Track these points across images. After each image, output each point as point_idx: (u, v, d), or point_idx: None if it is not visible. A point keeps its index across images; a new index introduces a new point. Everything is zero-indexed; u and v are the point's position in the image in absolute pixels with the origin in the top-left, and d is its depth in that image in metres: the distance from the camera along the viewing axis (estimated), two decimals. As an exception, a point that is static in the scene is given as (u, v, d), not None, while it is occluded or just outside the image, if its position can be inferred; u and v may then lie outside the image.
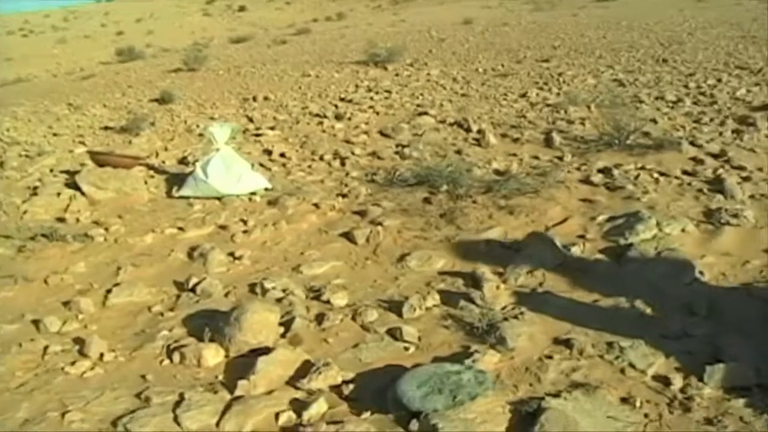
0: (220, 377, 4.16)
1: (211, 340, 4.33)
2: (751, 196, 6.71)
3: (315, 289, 5.28)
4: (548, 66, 16.20)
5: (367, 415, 3.70)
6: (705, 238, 5.86)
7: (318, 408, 3.75)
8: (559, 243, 5.67)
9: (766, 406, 3.61)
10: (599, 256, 5.55)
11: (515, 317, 4.59)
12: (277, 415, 3.76)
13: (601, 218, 6.38)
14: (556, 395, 3.75)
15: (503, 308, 4.83)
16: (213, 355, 4.24)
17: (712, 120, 9.67)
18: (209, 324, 4.53)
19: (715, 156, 8.05)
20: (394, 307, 4.86)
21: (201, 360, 4.20)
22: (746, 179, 7.16)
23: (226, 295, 5.27)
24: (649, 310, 4.68)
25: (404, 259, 5.73)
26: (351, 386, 3.94)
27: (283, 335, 4.54)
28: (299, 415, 3.75)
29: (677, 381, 3.87)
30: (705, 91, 11.66)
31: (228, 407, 3.79)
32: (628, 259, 5.41)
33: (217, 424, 3.67)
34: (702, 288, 4.96)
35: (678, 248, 5.45)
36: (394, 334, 4.48)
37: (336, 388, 3.98)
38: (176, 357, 4.28)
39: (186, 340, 4.52)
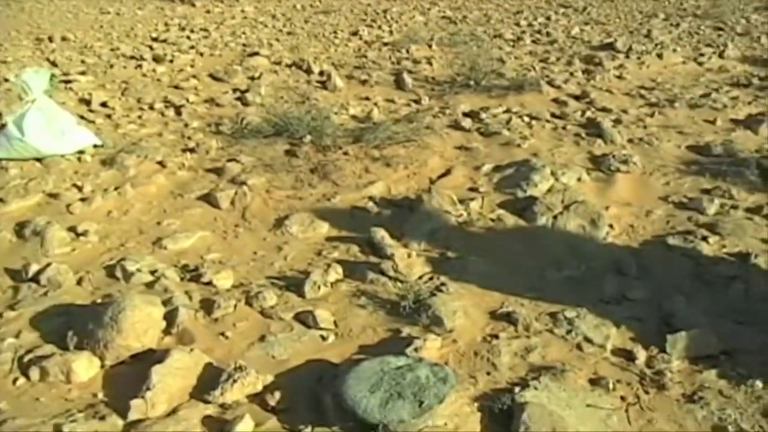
0: (100, 395, 3.33)
1: (79, 347, 3.44)
2: (630, 140, 6.89)
3: (189, 268, 4.50)
4: (369, 3, 15.91)
5: (308, 431, 3.13)
6: (600, 187, 5.88)
7: (244, 428, 3.10)
8: (455, 198, 5.34)
9: (740, 376, 3.58)
10: (501, 211, 5.33)
11: (440, 290, 4.20)
12: None
13: (486, 168, 6.19)
14: (524, 385, 3.44)
15: (420, 279, 4.39)
16: (85, 367, 3.37)
17: (558, 59, 9.95)
18: (71, 325, 3.60)
19: (576, 98, 8.24)
20: (293, 285, 4.25)
21: (70, 374, 3.32)
22: (617, 122, 7.37)
23: (79, 282, 4.28)
24: (576, 272, 4.53)
25: (282, 224, 5.11)
26: (276, 394, 3.33)
27: (166, 332, 3.75)
28: (225, 448, 3.08)
29: (640, 354, 3.73)
30: (540, 30, 12.04)
31: (126, 439, 3.01)
32: (534, 214, 5.24)
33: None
34: (619, 245, 4.92)
35: (584, 200, 5.35)
36: (305, 320, 3.90)
37: (257, 398, 3.36)
38: (34, 373, 3.34)
39: (43, 348, 3.56)
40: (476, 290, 4.30)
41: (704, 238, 4.95)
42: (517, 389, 3.40)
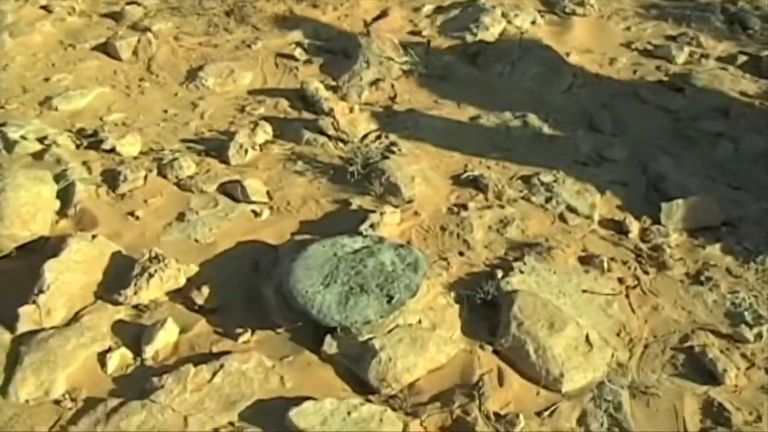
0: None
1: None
2: (582, -21, 6.05)
3: (87, 133, 3.53)
4: None
5: (246, 336, 2.38)
6: (557, 31, 5.12)
7: (167, 336, 2.36)
8: (396, 43, 4.45)
9: (747, 252, 3.05)
10: (450, 58, 4.51)
11: (391, 151, 3.41)
12: (101, 358, 2.38)
13: (427, 8, 5.29)
14: (506, 268, 2.78)
15: (365, 138, 3.58)
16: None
17: None
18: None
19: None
20: (213, 149, 3.39)
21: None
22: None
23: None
24: (545, 128, 3.85)
25: (196, 76, 4.15)
26: (204, 289, 2.57)
27: (61, 214, 2.85)
28: (137, 353, 2.42)
29: (633, 226, 3.14)
30: None
31: (17, 355, 2.34)
32: (488, 62, 4.44)
33: (3, 392, 2.24)
34: (586, 96, 4.28)
35: (543, 45, 4.57)
36: (232, 192, 3.08)
37: (180, 295, 2.64)
38: None
39: None
40: (433, 150, 3.55)
41: (679, 90, 4.28)
42: (499, 273, 2.70)
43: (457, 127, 3.81)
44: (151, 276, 2.53)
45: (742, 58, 4.74)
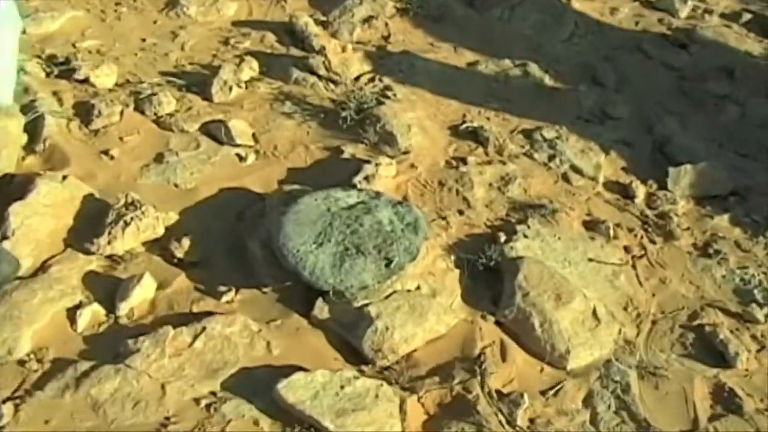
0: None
1: None
2: None
3: (58, 60, 3.17)
4: None
5: (230, 295, 2.17)
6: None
7: (143, 292, 2.14)
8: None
9: (756, 225, 2.90)
10: (447, -4, 4.19)
11: (385, 96, 3.16)
12: (71, 314, 2.15)
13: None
14: (509, 231, 2.59)
15: (358, 80, 3.31)
16: None
17: None
18: None
19: None
20: (195, 84, 3.11)
21: None
22: None
23: None
24: (546, 79, 3.62)
25: (177, 2, 3.83)
26: (184, 241, 2.34)
27: (28, 150, 2.57)
28: (111, 310, 2.18)
29: (639, 191, 2.97)
30: None
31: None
32: (486, 3, 4.19)
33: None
34: (588, 46, 4.06)
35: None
36: (215, 133, 2.82)
37: (158, 246, 2.41)
38: None
39: None
40: (429, 97, 3.31)
41: (683, 46, 4.06)
42: (501, 237, 2.50)
43: (455, 73, 3.56)
44: (126, 224, 2.31)
45: (747, 16, 4.53)
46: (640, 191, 2.96)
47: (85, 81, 2.96)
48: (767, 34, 4.43)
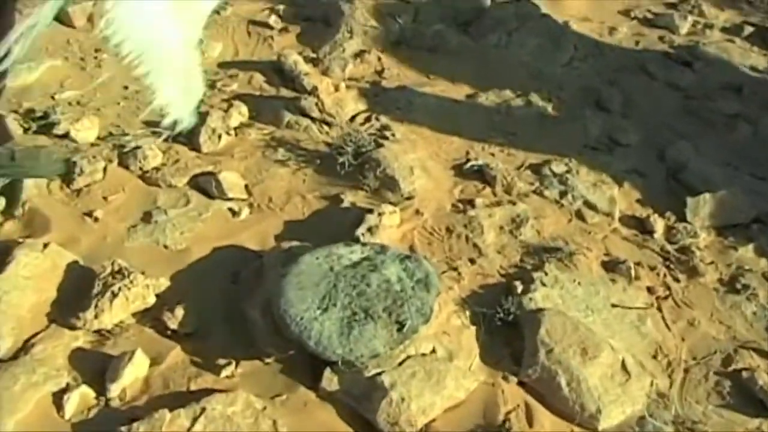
0: None
1: None
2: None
3: (36, 115, 3.01)
4: None
5: (230, 369, 2.00)
6: (549, -4, 4.68)
7: (135, 370, 2.00)
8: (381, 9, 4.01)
9: (784, 254, 2.71)
10: (440, 26, 4.07)
11: (383, 137, 3.00)
12: (58, 399, 1.96)
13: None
14: (525, 280, 2.42)
15: (353, 120, 3.16)
16: None
17: None
18: None
19: None
20: (182, 134, 2.90)
21: None
22: None
23: None
24: (549, 108, 3.48)
25: (156, 42, 3.58)
26: (177, 310, 2.18)
27: (6, 215, 2.49)
28: (101, 391, 2.00)
29: (657, 225, 2.80)
30: None
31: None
32: (482, 30, 4.02)
33: None
34: (589, 70, 3.93)
35: (541, 13, 4.17)
36: (205, 186, 2.66)
37: (150, 317, 2.24)
38: None
39: None
40: (429, 135, 3.16)
41: (687, 64, 3.92)
42: (518, 286, 2.33)
43: (454, 107, 3.41)
44: (114, 295, 2.13)
45: (748, 29, 4.42)
46: (659, 225, 2.80)
47: (66, 136, 2.79)
48: (771, 47, 4.29)
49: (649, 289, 2.54)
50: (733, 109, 3.60)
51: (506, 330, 2.25)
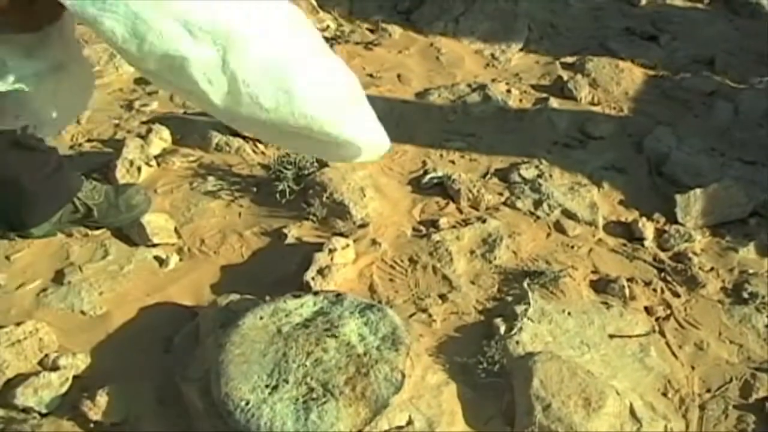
0: None
1: None
2: None
3: None
4: None
5: None
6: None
7: None
8: (314, 3, 3.65)
9: (789, 253, 2.44)
10: (379, 15, 3.71)
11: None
12: None
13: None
14: (507, 316, 2.10)
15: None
16: None
17: None
18: None
19: None
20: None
21: None
22: None
23: None
24: (509, 101, 3.16)
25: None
26: (100, 396, 1.83)
27: None
28: None
29: (646, 230, 2.52)
30: None
31: None
32: (425, 16, 3.69)
33: None
34: (547, 54, 3.74)
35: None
36: (126, 232, 2.26)
37: (68, 407, 1.86)
38: None
39: None
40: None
41: (652, 38, 3.63)
42: (500, 326, 2.00)
43: (403, 110, 3.07)
44: (25, 379, 1.74)
45: (709, -6, 4.14)
46: (648, 230, 2.50)
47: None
48: (735, 12, 4.03)
49: (648, 310, 2.24)
50: (709, 86, 3.30)
51: (492, 382, 1.93)
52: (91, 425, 1.81)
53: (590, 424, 1.82)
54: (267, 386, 1.74)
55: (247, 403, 1.69)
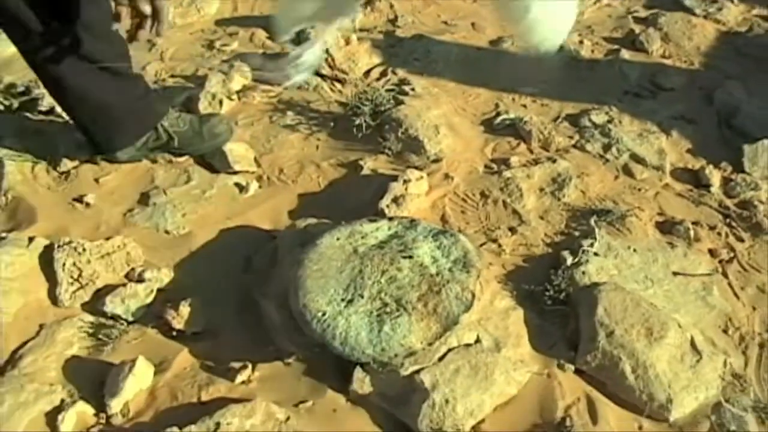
0: None
1: None
2: None
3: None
4: None
5: (246, 374, 1.81)
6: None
7: (138, 381, 1.76)
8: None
9: None
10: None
11: (403, 92, 2.66)
12: (51, 419, 1.68)
13: None
14: (574, 249, 2.10)
15: (367, 75, 2.82)
16: None
17: None
18: None
19: None
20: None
21: None
22: None
23: None
24: (581, 51, 3.18)
25: None
26: (182, 307, 1.90)
27: None
28: (100, 407, 1.73)
29: (713, 178, 2.46)
30: None
31: None
32: (501, -32, 3.59)
33: None
34: (620, 7, 3.63)
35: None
36: (208, 160, 2.33)
37: (152, 316, 1.96)
38: None
39: None
40: (453, 87, 2.81)
41: (727, -5, 3.51)
42: (567, 257, 2.00)
43: (477, 55, 3.05)
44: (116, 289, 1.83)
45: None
46: (715, 177, 2.46)
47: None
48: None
49: (712, 252, 2.20)
50: (782, 44, 3.19)
51: (558, 310, 1.94)
52: (174, 333, 1.88)
53: (652, 352, 1.82)
54: (343, 300, 1.78)
55: (324, 314, 1.74)
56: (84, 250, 1.93)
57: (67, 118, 2.28)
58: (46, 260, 1.94)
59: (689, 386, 1.82)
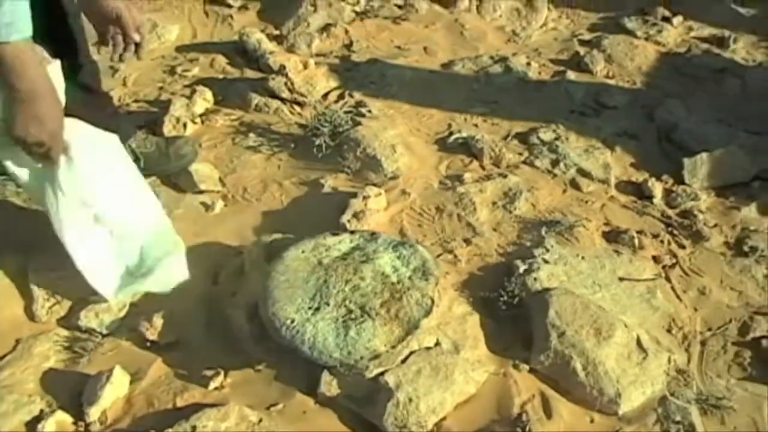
0: None
1: None
2: None
3: None
4: None
5: (219, 380, 1.94)
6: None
7: (115, 390, 1.88)
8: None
9: (790, 216, 2.61)
10: None
11: (360, 114, 2.85)
12: (31, 428, 1.69)
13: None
14: (526, 257, 2.27)
15: (325, 98, 2.98)
16: None
17: None
18: None
19: None
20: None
21: None
22: None
23: None
24: (529, 72, 3.37)
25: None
26: (155, 319, 2.01)
27: None
28: (79, 415, 1.84)
29: (655, 189, 2.68)
30: None
31: None
32: (452, -5, 3.83)
33: None
34: (566, 31, 3.88)
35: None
36: (175, 180, 2.43)
37: (125, 329, 2.08)
38: None
39: None
40: (408, 109, 2.98)
41: (666, 19, 3.77)
42: (519, 266, 2.17)
43: (430, 78, 3.23)
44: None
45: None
46: (657, 189, 2.67)
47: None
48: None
49: (655, 258, 2.40)
50: (719, 63, 3.45)
51: (512, 314, 2.10)
52: (148, 344, 2.00)
53: (601, 351, 2.00)
54: (310, 308, 1.92)
55: (293, 321, 1.88)
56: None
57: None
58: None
59: (636, 381, 1.99)
